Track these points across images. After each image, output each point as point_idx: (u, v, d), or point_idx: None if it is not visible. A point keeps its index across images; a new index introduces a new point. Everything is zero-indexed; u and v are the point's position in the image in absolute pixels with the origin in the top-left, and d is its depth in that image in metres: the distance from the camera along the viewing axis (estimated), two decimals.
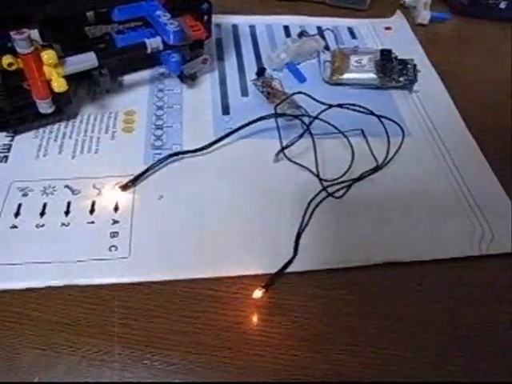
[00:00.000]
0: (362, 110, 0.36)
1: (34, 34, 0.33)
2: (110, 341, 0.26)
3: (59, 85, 0.32)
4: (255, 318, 0.28)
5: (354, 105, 0.36)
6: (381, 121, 0.36)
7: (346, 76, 0.42)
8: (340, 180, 0.34)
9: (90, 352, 0.26)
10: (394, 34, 0.50)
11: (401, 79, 0.42)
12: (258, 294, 0.27)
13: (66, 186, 0.33)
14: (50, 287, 0.28)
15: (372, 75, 0.42)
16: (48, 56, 0.31)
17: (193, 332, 0.27)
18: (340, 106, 0.35)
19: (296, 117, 0.36)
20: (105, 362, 0.26)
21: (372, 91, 0.42)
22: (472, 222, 0.33)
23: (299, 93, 0.37)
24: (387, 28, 0.51)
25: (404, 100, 0.42)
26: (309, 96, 0.37)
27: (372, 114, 0.36)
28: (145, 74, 0.42)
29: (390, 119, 0.36)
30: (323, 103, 0.36)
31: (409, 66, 0.43)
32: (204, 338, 0.27)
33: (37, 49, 0.31)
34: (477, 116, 0.41)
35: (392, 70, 0.42)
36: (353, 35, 0.50)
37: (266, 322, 0.28)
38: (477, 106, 0.43)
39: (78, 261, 0.29)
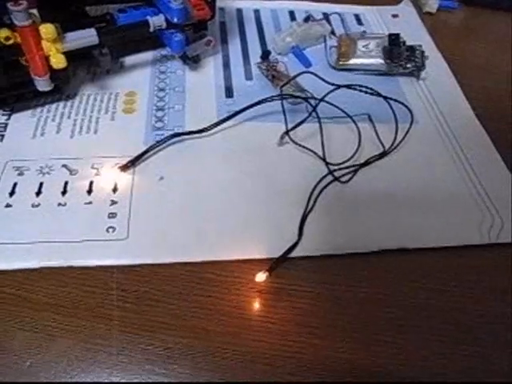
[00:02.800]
0: (370, 91, 0.35)
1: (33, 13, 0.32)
2: (106, 324, 0.26)
3: (58, 61, 0.31)
4: (257, 303, 0.27)
5: (362, 86, 0.34)
6: (389, 104, 0.35)
7: (353, 61, 0.41)
8: (346, 165, 0.33)
9: (86, 335, 0.25)
10: (402, 22, 0.49)
11: (408, 66, 0.41)
12: (260, 277, 0.26)
13: (64, 166, 0.32)
14: (44, 268, 0.27)
15: (379, 61, 0.41)
16: (46, 30, 0.30)
17: (192, 316, 0.26)
18: (348, 86, 0.34)
19: (303, 98, 0.35)
20: (101, 346, 0.25)
21: (379, 77, 0.41)
22: (481, 210, 0.32)
23: (306, 72, 0.35)
24: (394, 16, 0.50)
25: (411, 87, 0.41)
26: (316, 75, 0.36)
27: (379, 95, 0.35)
28: (147, 55, 0.41)
29: (398, 101, 0.36)
30: (331, 83, 0.35)
31: (417, 52, 0.41)
32: (204, 322, 0.26)
33: (35, 22, 0.30)
34: (485, 104, 0.40)
35: (400, 55, 0.41)
36: (359, 22, 0.49)
37: (268, 307, 0.27)
38: (485, 94, 0.42)
39: (75, 241, 0.28)
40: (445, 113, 0.39)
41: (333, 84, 0.35)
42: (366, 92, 0.35)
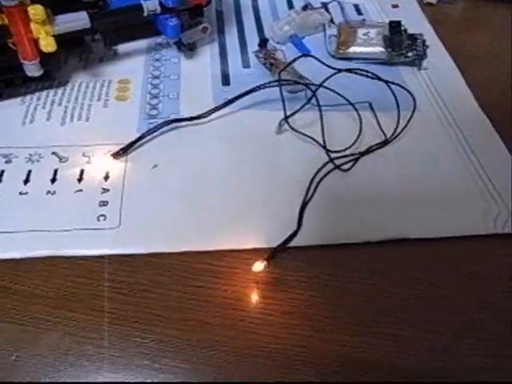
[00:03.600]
0: (371, 76, 0.34)
1: None
2: (97, 316, 0.24)
3: (47, 44, 0.30)
4: (255, 295, 0.26)
5: (363, 70, 0.33)
6: (391, 89, 0.34)
7: (353, 49, 0.40)
8: (346, 153, 0.32)
9: (75, 328, 0.24)
10: (402, 12, 0.48)
11: (409, 54, 0.40)
12: (258, 266, 0.25)
13: (54, 154, 0.30)
14: (32, 258, 0.26)
15: (380, 49, 0.39)
16: (35, 11, 0.28)
17: (188, 308, 0.25)
18: (349, 70, 0.33)
19: (302, 84, 0.34)
20: (90, 339, 0.24)
21: (379, 67, 0.40)
22: (486, 200, 0.31)
23: (305, 55, 0.34)
24: (394, 6, 0.49)
25: (412, 76, 0.40)
26: (316, 59, 0.35)
27: (380, 79, 0.34)
28: (141, 43, 0.40)
29: (400, 86, 0.35)
30: (331, 67, 0.34)
31: (418, 40, 0.40)
32: (200, 314, 0.25)
33: (23, 3, 0.28)
34: (488, 93, 0.39)
35: (401, 43, 0.40)
36: (359, 12, 0.48)
37: (266, 298, 0.26)
38: (488, 84, 0.41)
39: (64, 230, 0.27)
40: (447, 102, 0.38)
41: (333, 68, 0.34)
42: (367, 76, 0.34)
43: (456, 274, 0.27)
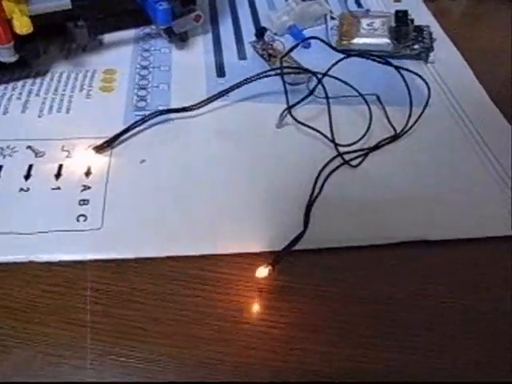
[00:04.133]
0: (382, 61, 0.31)
1: None
2: (75, 332, 0.21)
3: (22, 24, 0.27)
4: (257, 305, 0.23)
5: (375, 55, 0.31)
6: (403, 77, 0.31)
7: (356, 41, 0.37)
8: (354, 148, 0.29)
9: (49, 345, 0.21)
10: (404, 6, 0.46)
11: (416, 47, 0.38)
12: (262, 272, 0.22)
13: (29, 147, 0.27)
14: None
15: (385, 40, 0.37)
16: None
17: (179, 321, 0.22)
18: (359, 55, 0.31)
19: (306, 71, 0.31)
20: (67, 358, 0.21)
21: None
22: (507, 198, 0.28)
23: (311, 38, 0.32)
24: (396, 0, 0.47)
25: (420, 70, 0.37)
26: (322, 41, 0.32)
27: (389, 64, 0.31)
28: (128, 33, 0.37)
29: (413, 72, 0.33)
30: (340, 51, 0.32)
31: (424, 32, 0.38)
32: (193, 328, 0.22)
33: None
34: (499, 87, 0.37)
35: (407, 34, 0.37)
36: (359, 5, 0.45)
37: (269, 308, 0.23)
38: (497, 78, 0.39)
39: (38, 232, 0.24)
40: (457, 96, 0.35)
41: (343, 52, 0.31)
42: (378, 61, 0.31)
43: (480, 279, 0.25)
